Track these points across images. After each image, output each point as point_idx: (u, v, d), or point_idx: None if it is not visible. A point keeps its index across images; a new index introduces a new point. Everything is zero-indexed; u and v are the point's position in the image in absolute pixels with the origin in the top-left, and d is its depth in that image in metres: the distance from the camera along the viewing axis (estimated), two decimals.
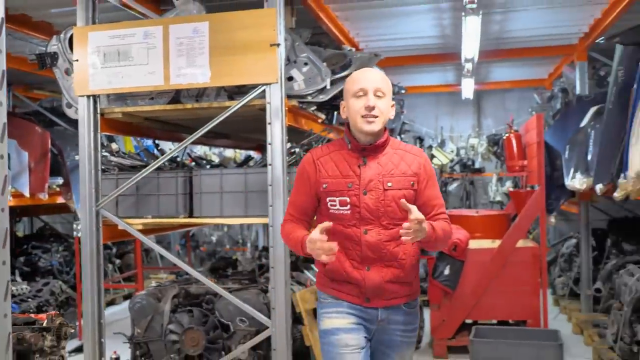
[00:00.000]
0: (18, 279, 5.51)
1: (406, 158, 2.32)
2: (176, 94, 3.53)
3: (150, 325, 3.70)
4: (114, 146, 4.18)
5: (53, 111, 7.06)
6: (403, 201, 2.16)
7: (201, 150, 8.30)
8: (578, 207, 6.19)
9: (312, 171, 2.34)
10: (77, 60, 3.45)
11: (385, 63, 5.70)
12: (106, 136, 6.64)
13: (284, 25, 3.29)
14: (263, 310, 3.40)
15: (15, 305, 4.96)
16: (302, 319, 3.54)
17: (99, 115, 3.50)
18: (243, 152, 8.32)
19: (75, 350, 5.08)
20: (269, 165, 3.23)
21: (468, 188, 9.23)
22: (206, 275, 4.33)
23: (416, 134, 9.47)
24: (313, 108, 3.60)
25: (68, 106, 3.97)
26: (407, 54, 6.20)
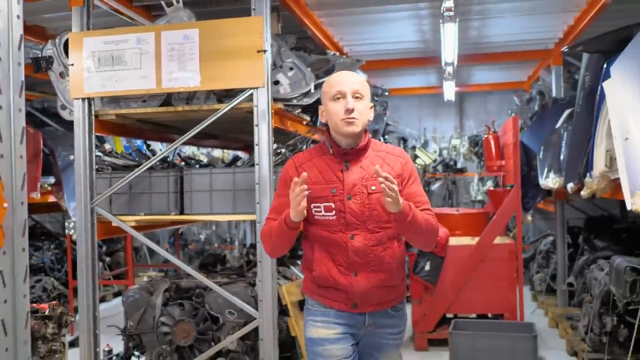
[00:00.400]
0: None
1: (388, 160, 2.31)
2: (167, 97, 3.68)
3: (142, 318, 3.85)
4: (107, 146, 4.33)
5: (44, 112, 7.16)
6: (377, 167, 2.11)
7: (189, 150, 8.44)
8: (554, 206, 6.44)
9: (296, 177, 2.23)
10: (73, 64, 3.60)
11: (368, 66, 5.92)
12: (97, 137, 6.80)
13: (270, 32, 3.48)
14: (251, 302, 3.57)
15: None
16: (288, 311, 3.72)
17: (94, 116, 3.66)
18: (231, 152, 8.48)
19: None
20: (256, 165, 3.41)
21: (450, 187, 9.47)
22: (196, 270, 4.50)
23: (400, 135, 9.68)
24: (298, 110, 3.79)
25: (62, 108, 4.11)
26: (390, 58, 6.40)
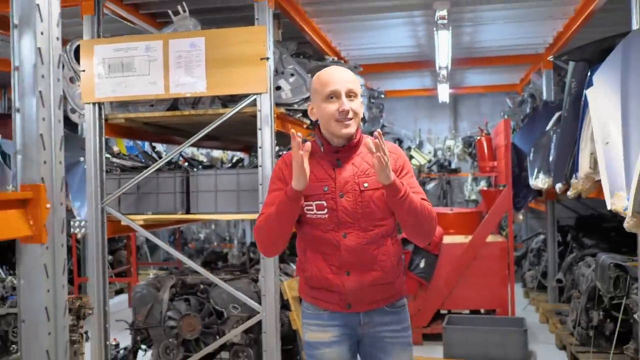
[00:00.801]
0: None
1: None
2: (174, 102, 3.86)
3: (150, 312, 4.03)
4: (115, 148, 4.50)
5: None
6: (368, 140, 2.06)
7: (189, 150, 8.61)
8: (545, 205, 6.64)
9: (287, 175, 2.22)
10: (84, 70, 3.78)
11: (365, 70, 6.11)
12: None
13: (273, 40, 3.66)
14: (254, 297, 3.76)
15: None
16: (289, 305, 3.91)
17: (104, 120, 3.84)
18: (230, 153, 8.66)
19: None
20: (260, 166, 3.60)
21: (445, 187, 9.67)
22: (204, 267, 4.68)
23: (395, 136, 9.87)
24: (299, 115, 3.98)
25: (72, 111, 4.29)
26: (386, 62, 6.59)
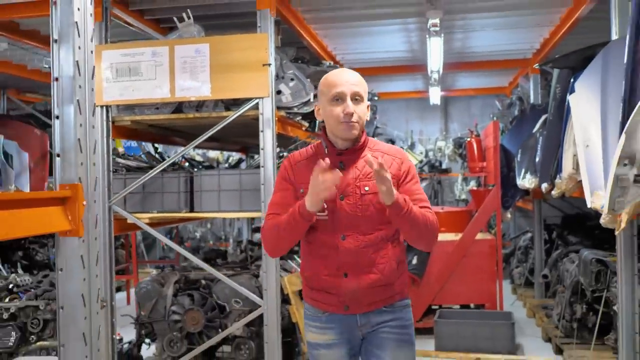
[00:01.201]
0: (20, 272, 5.91)
1: (384, 160, 2.18)
2: (179, 105, 4.03)
3: (154, 307, 4.20)
4: (120, 150, 4.66)
5: (47, 114, 7.47)
6: (369, 157, 2.04)
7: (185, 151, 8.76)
8: (532, 204, 6.88)
9: (291, 175, 2.29)
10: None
11: (360, 73, 6.32)
12: None
13: (274, 46, 3.85)
14: (255, 292, 3.94)
15: (21, 294, 5.39)
16: (289, 300, 4.10)
17: (111, 122, 4.01)
18: (226, 153, 8.84)
19: None
20: (262, 167, 3.78)
21: (436, 187, 9.91)
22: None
23: (388, 137, 10.09)
24: (298, 118, 4.16)
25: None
26: (379, 65, 6.80)
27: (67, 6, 1.73)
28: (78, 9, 1.73)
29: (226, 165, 7.94)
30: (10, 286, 3.38)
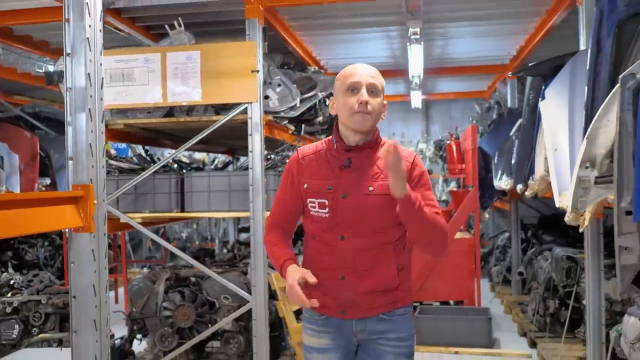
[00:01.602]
0: (11, 271, 6.01)
1: None
2: (170, 109, 4.19)
3: (146, 304, 4.35)
4: (113, 152, 4.81)
5: (34, 116, 7.55)
6: (391, 144, 1.92)
7: (169, 153, 8.89)
8: (509, 205, 7.14)
9: (296, 170, 2.23)
10: None
11: None
12: None
13: (262, 54, 4.03)
14: (244, 288, 4.11)
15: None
16: (277, 295, 4.28)
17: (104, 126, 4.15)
18: (212, 155, 8.99)
19: None
20: (250, 169, 3.97)
21: None
22: (189, 264, 5.02)
23: None
24: (285, 122, 4.35)
25: None
26: None
27: (79, 23, 1.89)
28: (89, 26, 1.89)
29: (212, 166, 8.10)
30: (11, 282, 3.51)
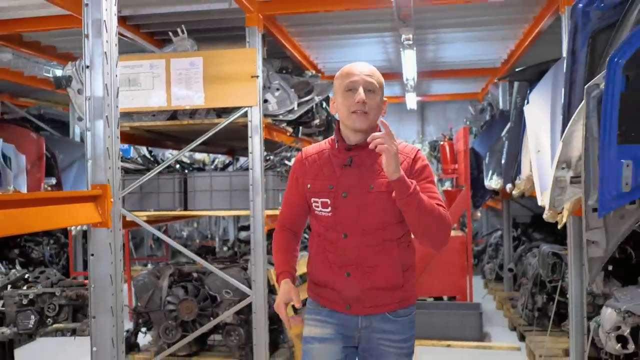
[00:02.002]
0: (18, 268, 6.21)
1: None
2: (174, 112, 4.40)
3: (151, 298, 4.55)
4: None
5: (40, 118, 7.77)
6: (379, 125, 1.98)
7: (170, 153, 9.09)
8: (501, 204, 7.35)
9: (300, 170, 2.28)
10: None
11: None
12: None
13: (261, 59, 4.24)
14: (244, 283, 4.32)
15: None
16: (275, 290, 4.48)
17: None
18: (212, 155, 9.19)
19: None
20: (250, 169, 4.17)
21: None
22: (192, 260, 5.23)
23: None
24: (283, 124, 4.56)
25: (79, 119, 4.80)
26: None
27: (97, 39, 2.09)
28: (106, 42, 2.10)
29: (212, 166, 8.32)
30: (26, 276, 3.72)
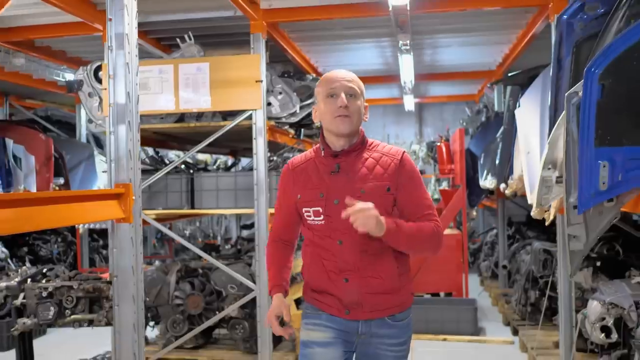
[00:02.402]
0: (28, 265, 6.41)
1: (382, 161, 2.18)
2: (181, 115, 4.60)
3: (159, 293, 4.75)
4: None
5: (47, 119, 7.95)
6: (347, 200, 2.03)
7: (174, 154, 9.29)
8: (497, 203, 7.56)
9: (289, 182, 2.29)
10: (105, 88, 4.47)
11: None
12: (95, 142, 7.63)
13: (265, 65, 4.44)
14: (248, 278, 4.52)
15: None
16: None
17: None
18: (214, 156, 9.40)
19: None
20: (254, 169, 4.38)
21: None
22: (197, 258, 5.44)
23: None
24: (286, 127, 4.76)
25: (89, 121, 5.01)
26: (358, 76, 7.41)
27: (120, 51, 2.29)
28: (128, 53, 2.29)
29: (215, 166, 8.54)
30: (44, 270, 3.91)
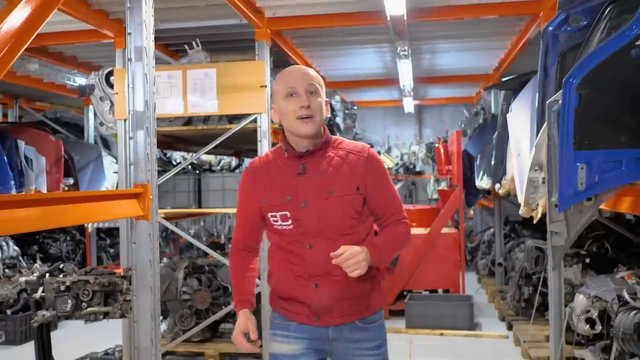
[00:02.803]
0: (39, 262, 6.63)
1: (349, 159, 2.10)
2: (189, 118, 4.81)
3: (168, 289, 4.97)
4: None
5: (56, 121, 8.17)
6: (332, 255, 1.98)
7: (179, 155, 9.52)
8: (493, 203, 7.77)
9: (251, 186, 2.17)
10: (117, 93, 4.70)
11: (341, 85, 7.22)
12: (102, 142, 7.84)
13: (269, 70, 4.65)
14: None
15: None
16: None
17: None
18: (218, 157, 9.62)
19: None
20: None
21: (410, 187, 10.81)
22: (202, 256, 5.66)
23: (367, 142, 10.95)
24: None
25: (100, 124, 5.21)
26: (358, 79, 7.65)
27: (139, 62, 2.50)
28: (146, 64, 2.50)
29: (219, 167, 8.78)
30: (61, 266, 4.12)
